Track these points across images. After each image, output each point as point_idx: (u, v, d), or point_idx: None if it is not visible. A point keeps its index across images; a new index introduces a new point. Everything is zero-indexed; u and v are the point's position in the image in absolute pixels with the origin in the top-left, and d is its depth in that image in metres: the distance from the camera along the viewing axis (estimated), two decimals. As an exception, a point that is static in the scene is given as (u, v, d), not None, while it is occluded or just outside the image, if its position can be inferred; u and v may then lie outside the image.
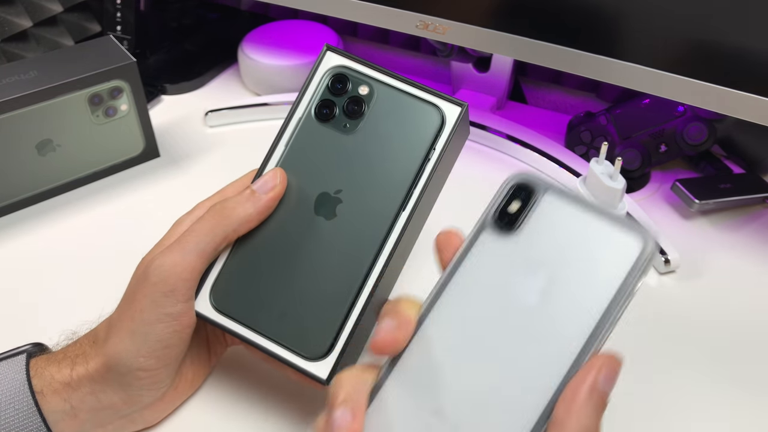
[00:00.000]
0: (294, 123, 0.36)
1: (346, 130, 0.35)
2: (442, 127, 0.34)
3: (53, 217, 0.55)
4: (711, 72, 0.46)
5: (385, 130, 0.35)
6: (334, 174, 0.35)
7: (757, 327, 0.46)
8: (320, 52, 0.36)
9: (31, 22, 0.69)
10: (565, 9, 0.50)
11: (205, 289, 0.35)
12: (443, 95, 0.35)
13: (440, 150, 0.34)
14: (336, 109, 0.35)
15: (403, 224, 0.34)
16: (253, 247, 0.35)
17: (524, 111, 0.69)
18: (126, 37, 0.73)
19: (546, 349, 0.25)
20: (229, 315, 0.34)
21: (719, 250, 0.52)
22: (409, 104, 0.35)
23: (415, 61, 0.77)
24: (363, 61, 0.36)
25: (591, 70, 0.51)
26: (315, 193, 0.35)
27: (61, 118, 0.54)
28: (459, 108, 0.34)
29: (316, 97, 0.36)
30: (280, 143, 0.36)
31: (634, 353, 0.44)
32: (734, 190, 0.55)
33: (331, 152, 0.35)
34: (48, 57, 0.56)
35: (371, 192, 0.34)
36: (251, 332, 0.34)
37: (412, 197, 0.34)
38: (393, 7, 0.57)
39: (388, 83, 0.35)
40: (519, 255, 0.26)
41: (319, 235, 0.34)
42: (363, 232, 0.34)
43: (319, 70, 0.36)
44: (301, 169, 0.35)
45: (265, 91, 0.70)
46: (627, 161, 0.57)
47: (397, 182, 0.34)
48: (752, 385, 0.42)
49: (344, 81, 0.36)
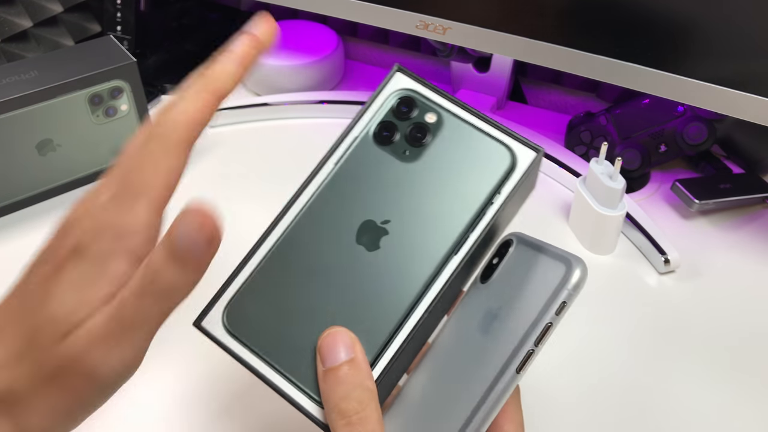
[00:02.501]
0: (349, 141, 0.33)
1: (405, 158, 0.32)
2: (511, 170, 0.31)
3: (53, 217, 0.55)
4: (711, 72, 0.46)
5: (448, 164, 0.31)
6: (384, 202, 0.31)
7: (756, 327, 0.46)
8: (389, 72, 0.33)
9: (31, 22, 0.69)
10: (564, 9, 0.50)
11: (219, 304, 0.31)
12: (518, 136, 0.32)
13: (506, 195, 0.31)
14: (397, 134, 0.32)
15: (453, 270, 0.30)
16: (282, 267, 0.31)
17: (524, 111, 0.69)
18: (126, 37, 0.73)
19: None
20: (241, 339, 0.30)
21: (719, 250, 0.52)
22: (478, 140, 0.31)
23: (415, 61, 0.77)
24: (435, 88, 0.33)
25: (591, 70, 0.51)
26: (360, 219, 0.31)
27: (61, 118, 0.54)
28: (534, 153, 0.31)
29: (377, 118, 0.33)
30: (330, 160, 0.33)
31: (633, 353, 0.44)
32: (734, 190, 0.55)
33: (385, 178, 0.31)
34: (48, 57, 0.56)
35: (422, 228, 0.31)
36: (261, 362, 0.30)
37: (467, 242, 0.30)
38: (393, 7, 0.57)
39: (458, 115, 0.32)
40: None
41: (357, 266, 0.30)
42: (407, 271, 0.30)
43: (385, 90, 0.33)
44: (348, 192, 0.32)
45: (265, 91, 0.70)
46: (627, 161, 0.57)
47: (453, 223, 0.30)
48: (752, 385, 0.42)
49: (411, 105, 0.32)
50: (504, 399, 0.28)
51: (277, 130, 0.66)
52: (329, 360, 0.28)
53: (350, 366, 0.28)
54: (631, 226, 0.53)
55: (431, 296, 0.30)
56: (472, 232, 0.30)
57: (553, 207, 0.56)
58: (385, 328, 0.30)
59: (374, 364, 0.29)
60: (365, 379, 0.28)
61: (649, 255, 0.51)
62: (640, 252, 0.52)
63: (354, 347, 0.28)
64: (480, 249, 0.31)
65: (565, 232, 0.54)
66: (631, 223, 0.53)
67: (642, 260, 0.52)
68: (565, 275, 0.27)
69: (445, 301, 0.31)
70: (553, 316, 0.27)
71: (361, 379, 0.28)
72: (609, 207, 0.49)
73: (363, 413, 0.27)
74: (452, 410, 0.28)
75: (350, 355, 0.28)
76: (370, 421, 0.27)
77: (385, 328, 0.30)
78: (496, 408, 0.28)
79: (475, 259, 0.32)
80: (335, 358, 0.28)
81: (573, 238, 0.53)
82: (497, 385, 0.27)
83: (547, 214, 0.55)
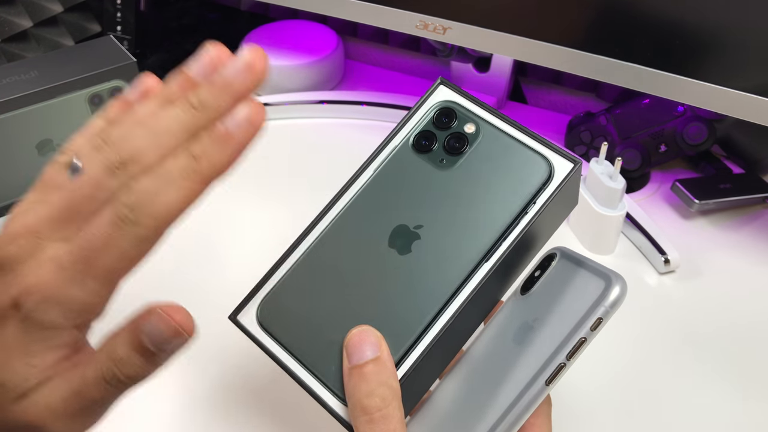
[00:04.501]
0: (389, 149, 0.34)
1: (442, 166, 0.32)
2: (548, 181, 0.31)
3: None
4: (711, 72, 0.47)
5: (484, 173, 0.32)
6: (419, 208, 0.32)
7: (757, 326, 0.46)
8: (433, 84, 0.34)
9: (31, 22, 0.69)
10: (564, 9, 0.50)
11: (255, 301, 0.32)
12: (556, 147, 0.32)
13: (541, 205, 0.31)
14: (436, 143, 0.33)
15: (484, 276, 0.30)
16: (315, 267, 0.32)
17: (524, 111, 0.69)
18: (126, 37, 0.73)
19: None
20: (272, 334, 0.31)
21: (719, 250, 0.52)
22: (516, 151, 0.32)
23: (415, 61, 0.77)
24: (475, 100, 0.34)
25: (591, 70, 0.51)
26: (393, 223, 0.32)
27: (61, 118, 0.54)
28: (571, 164, 0.31)
29: (417, 128, 0.34)
30: (370, 167, 0.34)
31: (633, 353, 0.44)
32: (734, 190, 0.55)
33: (421, 185, 0.32)
34: (48, 57, 0.56)
35: (455, 235, 0.31)
36: (290, 357, 0.31)
37: (499, 249, 0.30)
38: (393, 7, 0.57)
39: (497, 126, 0.33)
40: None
41: (388, 268, 0.31)
42: (436, 275, 0.30)
43: (428, 102, 0.34)
44: (383, 197, 0.33)
45: (265, 91, 0.70)
46: (627, 161, 0.57)
47: (485, 230, 0.31)
48: (752, 384, 0.42)
49: (451, 116, 0.33)
50: (531, 409, 0.27)
51: (277, 130, 0.66)
52: (355, 357, 0.28)
53: (375, 364, 0.28)
54: (631, 226, 0.53)
55: (459, 301, 0.30)
56: (504, 241, 0.30)
57: (553, 207, 0.56)
58: (412, 329, 0.30)
59: (400, 363, 0.29)
60: (389, 378, 0.28)
61: (649, 255, 0.51)
62: (640, 252, 0.52)
63: (380, 346, 0.28)
64: (515, 258, 0.31)
65: (565, 232, 0.54)
66: (631, 223, 0.53)
67: (642, 260, 0.52)
68: (604, 292, 0.27)
69: (477, 307, 0.32)
70: (588, 332, 0.27)
71: (386, 377, 0.28)
72: (609, 207, 0.49)
73: (385, 410, 0.27)
74: (479, 417, 0.28)
75: (376, 353, 0.28)
76: (392, 419, 0.27)
77: (413, 329, 0.30)
78: (523, 418, 0.27)
79: (511, 268, 0.32)
80: (361, 356, 0.28)
81: (573, 238, 0.53)
82: (525, 395, 0.27)
83: (547, 214, 0.55)
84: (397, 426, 0.27)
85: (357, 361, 0.28)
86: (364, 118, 0.67)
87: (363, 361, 0.28)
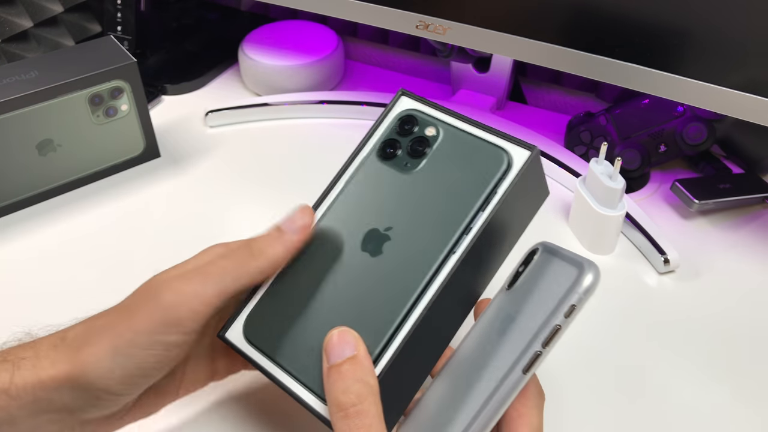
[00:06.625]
0: (357, 161, 0.35)
1: (407, 169, 0.34)
2: (507, 171, 0.32)
3: (53, 217, 0.55)
4: (711, 72, 0.47)
5: (446, 171, 0.33)
6: (388, 211, 0.33)
7: (756, 326, 0.46)
8: (394, 96, 0.36)
9: (31, 22, 0.69)
10: (564, 9, 0.50)
11: (241, 317, 0.34)
12: (512, 138, 0.33)
13: (502, 194, 0.32)
14: (400, 149, 0.35)
15: (452, 268, 0.31)
16: (294, 279, 0.34)
17: (524, 111, 0.69)
18: (126, 37, 0.73)
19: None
20: (256, 345, 0.33)
21: (719, 250, 0.53)
22: (474, 146, 0.33)
23: (415, 61, 0.77)
24: (435, 105, 0.35)
25: (590, 70, 0.51)
26: (365, 228, 0.33)
27: (61, 118, 0.54)
28: (528, 152, 0.32)
29: (382, 137, 0.35)
30: (341, 180, 0.35)
31: (633, 353, 0.44)
32: (733, 190, 0.55)
33: (389, 190, 0.34)
34: (48, 57, 0.56)
35: (422, 232, 0.32)
36: (271, 364, 0.32)
37: (464, 241, 0.31)
38: (393, 7, 0.57)
39: (455, 125, 0.34)
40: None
41: (361, 271, 0.32)
42: (407, 273, 0.31)
43: (391, 114, 0.36)
44: (355, 206, 0.34)
45: (265, 92, 0.70)
46: (626, 161, 0.57)
47: (450, 224, 0.32)
48: (752, 384, 0.43)
49: (412, 122, 0.35)
50: (510, 398, 0.28)
51: (277, 130, 0.67)
52: (333, 357, 0.29)
53: (351, 362, 0.29)
54: (631, 226, 0.53)
55: (431, 294, 0.31)
56: (468, 233, 0.31)
57: (553, 207, 0.56)
58: (387, 325, 0.31)
59: (378, 359, 0.30)
60: (366, 375, 0.29)
61: (648, 255, 0.51)
62: (639, 252, 0.52)
63: (357, 345, 0.29)
64: (485, 249, 0.32)
65: (565, 232, 0.54)
66: (631, 223, 0.53)
67: (642, 260, 0.52)
68: (577, 278, 0.28)
69: (452, 301, 0.32)
70: (562, 319, 0.27)
71: (362, 374, 0.29)
72: (609, 207, 0.49)
73: (360, 406, 0.28)
74: (461, 409, 0.29)
75: (352, 352, 0.29)
76: (367, 414, 0.28)
77: (388, 325, 0.31)
78: (503, 406, 0.28)
79: (483, 260, 0.33)
80: (338, 355, 0.29)
81: (573, 238, 0.53)
82: (504, 384, 0.28)
83: (547, 214, 0.55)
84: (373, 421, 0.28)
85: (334, 360, 0.29)
86: (364, 118, 0.67)
87: (340, 360, 0.29)
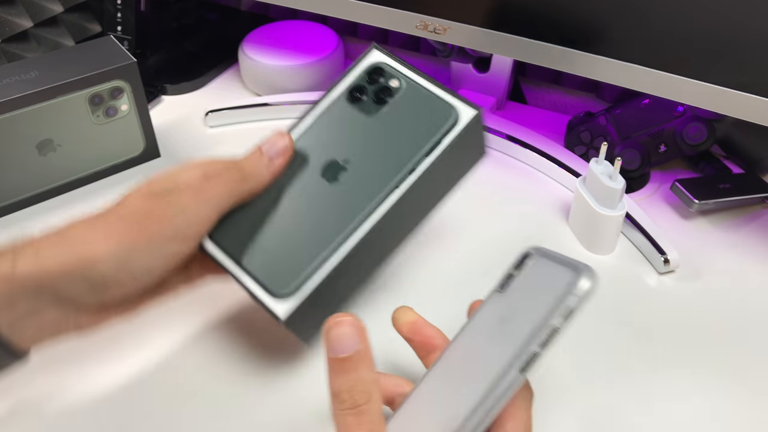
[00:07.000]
0: (328, 100, 0.41)
1: (370, 113, 0.40)
2: (454, 125, 0.38)
3: (53, 217, 0.55)
4: (711, 72, 0.47)
5: (402, 119, 0.39)
6: (347, 146, 0.39)
7: (756, 327, 0.46)
8: (367, 48, 0.41)
9: (31, 22, 0.69)
10: (564, 9, 0.50)
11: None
12: (463, 99, 0.39)
13: (446, 145, 0.38)
14: (366, 95, 0.40)
15: (395, 200, 0.37)
16: (261, 195, 0.39)
17: (524, 111, 0.69)
18: (126, 37, 0.73)
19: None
20: (221, 247, 0.38)
21: (719, 250, 0.53)
22: (430, 101, 0.39)
23: (415, 61, 0.77)
24: (403, 62, 0.41)
25: (590, 70, 0.51)
26: (326, 158, 0.39)
27: (61, 118, 0.54)
28: (474, 111, 0.38)
29: (352, 83, 0.41)
30: (311, 114, 0.41)
31: (633, 352, 0.44)
32: (733, 190, 0.55)
33: (352, 129, 0.39)
34: (48, 57, 0.56)
35: (374, 167, 0.38)
36: (231, 262, 0.37)
37: (409, 179, 0.38)
38: (393, 7, 0.57)
39: (417, 81, 0.40)
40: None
41: (318, 193, 0.38)
42: (356, 198, 0.38)
43: (363, 62, 0.41)
44: (320, 138, 0.40)
45: (265, 91, 0.70)
46: (626, 161, 0.57)
47: (399, 164, 0.38)
48: (752, 384, 0.43)
49: (380, 73, 0.41)
50: (507, 397, 0.28)
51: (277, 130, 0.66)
52: (336, 350, 0.29)
53: (358, 358, 0.29)
54: (631, 226, 0.53)
55: (375, 218, 0.37)
56: (413, 173, 0.38)
57: (553, 207, 0.56)
58: (333, 239, 0.37)
59: (321, 266, 0.36)
60: (371, 372, 0.29)
61: (648, 255, 0.51)
62: (639, 252, 0.52)
63: (361, 338, 0.29)
64: (424, 189, 0.39)
65: (564, 232, 0.54)
66: (631, 223, 0.53)
67: (642, 260, 0.52)
68: (573, 281, 0.28)
69: (390, 226, 0.38)
70: (560, 321, 0.28)
71: (367, 372, 0.29)
72: (609, 207, 0.49)
73: (365, 406, 0.28)
74: (457, 407, 0.29)
75: (357, 347, 0.29)
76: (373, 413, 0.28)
77: (334, 239, 0.37)
78: (499, 405, 0.28)
79: (422, 198, 0.40)
80: (342, 348, 0.29)
81: (573, 238, 0.53)
82: (500, 383, 0.28)
83: (546, 214, 0.55)
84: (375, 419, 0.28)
85: (336, 354, 0.29)
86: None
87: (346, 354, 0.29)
